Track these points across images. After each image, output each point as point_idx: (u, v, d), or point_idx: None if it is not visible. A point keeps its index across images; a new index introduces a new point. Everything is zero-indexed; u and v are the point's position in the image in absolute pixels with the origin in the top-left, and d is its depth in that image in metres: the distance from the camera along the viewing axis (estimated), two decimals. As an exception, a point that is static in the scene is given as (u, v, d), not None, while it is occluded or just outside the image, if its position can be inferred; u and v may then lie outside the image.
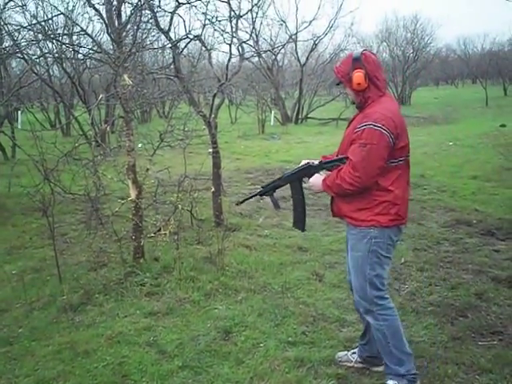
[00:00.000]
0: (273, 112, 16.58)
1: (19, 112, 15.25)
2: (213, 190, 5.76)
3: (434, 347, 3.14)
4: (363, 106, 2.60)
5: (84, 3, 5.74)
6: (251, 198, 3.05)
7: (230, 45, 5.97)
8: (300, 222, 2.87)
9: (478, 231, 5.48)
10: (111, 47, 5.07)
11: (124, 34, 4.53)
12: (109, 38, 5.05)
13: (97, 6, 4.56)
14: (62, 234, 5.57)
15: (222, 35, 6.03)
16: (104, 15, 4.51)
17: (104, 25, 4.58)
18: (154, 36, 5.90)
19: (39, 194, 4.29)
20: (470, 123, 16.48)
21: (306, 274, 4.39)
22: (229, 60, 5.97)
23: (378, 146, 2.45)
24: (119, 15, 4.52)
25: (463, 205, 6.61)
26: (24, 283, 4.10)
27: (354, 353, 3.00)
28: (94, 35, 7.08)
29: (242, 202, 3.17)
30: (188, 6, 5.38)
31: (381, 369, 2.85)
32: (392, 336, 2.63)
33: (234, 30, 5.80)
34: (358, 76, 2.52)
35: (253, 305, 3.78)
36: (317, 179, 2.67)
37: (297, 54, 12.16)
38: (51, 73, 14.20)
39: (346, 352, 3.04)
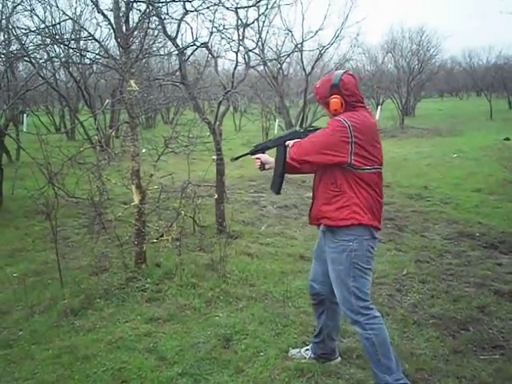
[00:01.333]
0: (277, 120, 16.60)
1: (25, 115, 15.31)
2: (216, 196, 5.77)
3: (435, 360, 3.12)
4: None
5: (92, 9, 5.78)
6: (244, 155, 3.17)
7: (236, 53, 6.00)
8: (276, 185, 2.99)
9: (481, 244, 5.46)
10: (118, 53, 5.09)
11: (131, 39, 4.56)
12: (116, 44, 5.09)
13: (105, 12, 4.59)
14: (64, 237, 5.57)
15: (228, 43, 6.06)
16: (112, 21, 4.54)
17: (112, 30, 4.60)
18: (160, 42, 5.95)
19: (43, 197, 4.30)
20: (474, 136, 16.47)
21: (307, 283, 4.36)
22: (235, 68, 6.01)
23: (333, 131, 2.54)
24: (127, 21, 4.55)
25: (466, 217, 6.60)
26: (25, 286, 4.10)
27: (307, 349, 3.15)
28: (101, 40, 7.11)
29: (236, 159, 3.24)
30: (195, 13, 5.41)
31: (337, 360, 3.08)
32: (380, 344, 2.65)
33: (240, 38, 5.83)
34: (335, 102, 2.63)
35: (254, 313, 3.77)
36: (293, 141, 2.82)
37: (302, 63, 12.18)
38: (57, 77, 14.27)
39: (298, 349, 3.18)
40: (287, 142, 2.84)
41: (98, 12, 4.61)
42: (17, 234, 5.92)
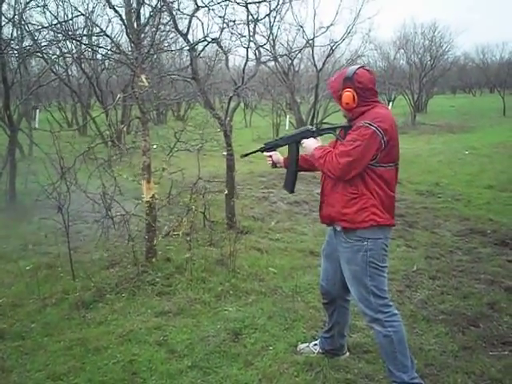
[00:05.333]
0: (287, 116, 16.59)
1: (37, 110, 15.44)
2: (226, 192, 5.79)
3: (445, 356, 3.12)
4: (354, 120, 2.64)
5: (104, 5, 5.80)
6: (254, 152, 3.16)
7: (247, 48, 6.00)
8: (289, 183, 2.98)
9: (492, 241, 5.43)
10: (129, 48, 5.11)
11: (142, 35, 4.58)
12: (127, 40, 5.12)
13: (116, 8, 4.62)
14: (76, 231, 5.62)
15: (239, 39, 6.06)
16: (123, 16, 4.56)
17: (123, 26, 4.63)
18: (172, 38, 5.97)
19: (55, 192, 4.35)
20: (487, 132, 16.34)
21: (316, 278, 4.36)
22: (245, 63, 5.99)
23: (368, 144, 2.49)
24: (138, 17, 4.57)
25: (477, 214, 6.56)
26: (38, 279, 4.16)
27: (315, 344, 3.16)
28: (112, 36, 7.16)
29: (245, 155, 3.25)
30: (206, 9, 5.42)
31: (346, 355, 3.09)
32: (398, 342, 2.64)
33: (251, 33, 5.83)
34: (347, 96, 2.59)
35: (263, 307, 3.79)
36: (310, 142, 2.80)
37: (313, 58, 12.15)
38: (70, 73, 14.39)
39: (307, 344, 3.19)
40: (303, 141, 2.82)
41: (110, 8, 4.64)
42: (30, 229, 5.98)
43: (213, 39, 5.43)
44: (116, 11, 4.59)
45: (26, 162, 8.28)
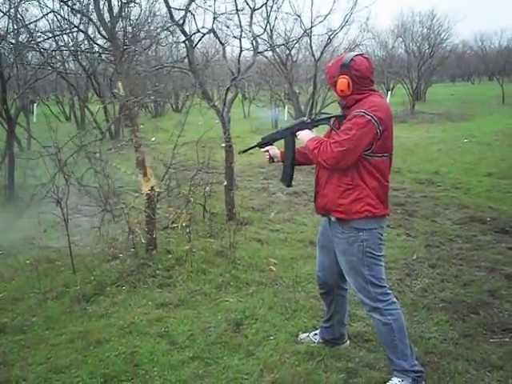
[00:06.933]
0: (286, 107, 16.54)
1: (34, 104, 15.40)
2: (225, 183, 5.78)
3: (445, 343, 3.13)
4: (348, 108, 2.62)
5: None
6: (252, 148, 3.16)
7: (239, 39, 5.90)
8: (287, 177, 2.95)
9: (492, 229, 5.43)
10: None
11: (117, 30, 4.37)
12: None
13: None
14: (76, 225, 5.61)
15: (232, 31, 6.00)
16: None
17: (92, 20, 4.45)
18: (162, 29, 5.89)
19: (54, 186, 4.34)
20: (486, 120, 16.29)
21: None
22: (240, 54, 5.92)
23: (363, 133, 2.46)
24: (111, 9, 4.36)
25: (477, 202, 6.55)
26: (38, 273, 4.16)
27: (315, 334, 3.17)
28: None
29: (244, 151, 3.25)
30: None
31: (346, 344, 3.12)
32: (398, 330, 2.65)
33: (248, 24, 5.79)
34: (342, 83, 2.56)
35: (263, 298, 3.80)
36: (305, 134, 2.77)
37: (311, 48, 12.06)
38: (67, 66, 14.30)
39: (307, 334, 3.22)
40: (298, 133, 2.79)
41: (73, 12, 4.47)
42: (29, 223, 5.98)
43: (209, 30, 5.39)
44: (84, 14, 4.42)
45: (24, 155, 8.25)
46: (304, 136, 2.75)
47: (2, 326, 3.50)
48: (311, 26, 10.77)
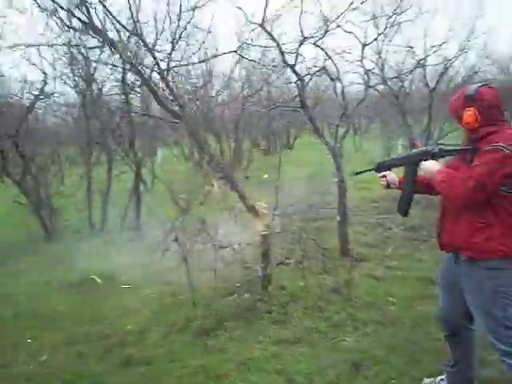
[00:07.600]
0: (399, 139, 16.12)
1: (158, 148, 16.60)
2: (338, 218, 5.72)
3: None
4: (478, 141, 2.43)
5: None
6: (368, 171, 3.06)
7: (334, 79, 5.92)
8: (404, 206, 2.80)
9: None
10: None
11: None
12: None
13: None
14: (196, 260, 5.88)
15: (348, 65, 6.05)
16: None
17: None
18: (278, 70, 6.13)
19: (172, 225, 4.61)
20: None
21: (437, 309, 4.13)
22: (342, 90, 5.91)
23: (499, 168, 2.28)
24: None
25: None
26: (163, 307, 4.39)
27: (442, 379, 2.96)
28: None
29: (357, 174, 3.17)
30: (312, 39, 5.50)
31: None
32: None
33: (360, 59, 5.81)
34: (468, 115, 2.42)
35: (382, 338, 3.65)
36: (431, 164, 2.58)
37: (425, 78, 11.68)
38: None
39: (433, 379, 3.01)
40: (422, 163, 2.64)
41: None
42: (153, 258, 6.36)
43: (320, 68, 5.49)
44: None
45: (149, 194, 8.90)
46: (430, 166, 2.59)
47: (128, 358, 3.72)
48: (425, 56, 10.49)
